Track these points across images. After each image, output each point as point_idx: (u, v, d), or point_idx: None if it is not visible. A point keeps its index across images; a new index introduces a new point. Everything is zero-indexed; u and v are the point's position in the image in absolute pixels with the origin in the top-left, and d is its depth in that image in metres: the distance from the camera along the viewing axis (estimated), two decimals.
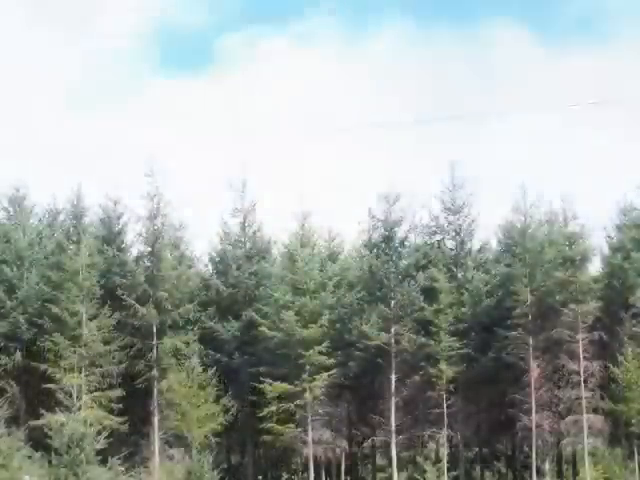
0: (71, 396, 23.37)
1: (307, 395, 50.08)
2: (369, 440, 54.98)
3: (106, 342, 49.40)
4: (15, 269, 52.38)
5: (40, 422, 44.33)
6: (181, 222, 54.66)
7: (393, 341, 51.68)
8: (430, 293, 51.90)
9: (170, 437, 49.82)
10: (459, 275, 53.81)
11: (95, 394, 47.87)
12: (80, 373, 47.54)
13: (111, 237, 55.27)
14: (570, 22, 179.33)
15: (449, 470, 52.22)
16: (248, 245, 57.94)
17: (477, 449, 64.38)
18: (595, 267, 54.31)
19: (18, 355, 50.04)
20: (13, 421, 40.80)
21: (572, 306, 49.36)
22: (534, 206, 54.48)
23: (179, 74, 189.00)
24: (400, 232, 54.06)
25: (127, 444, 47.94)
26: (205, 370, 49.92)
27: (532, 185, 55.30)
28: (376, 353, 51.99)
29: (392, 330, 51.67)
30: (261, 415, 50.06)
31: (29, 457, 27.12)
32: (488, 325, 52.13)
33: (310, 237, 54.78)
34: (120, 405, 48.83)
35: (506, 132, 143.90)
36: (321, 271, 53.15)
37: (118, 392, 48.51)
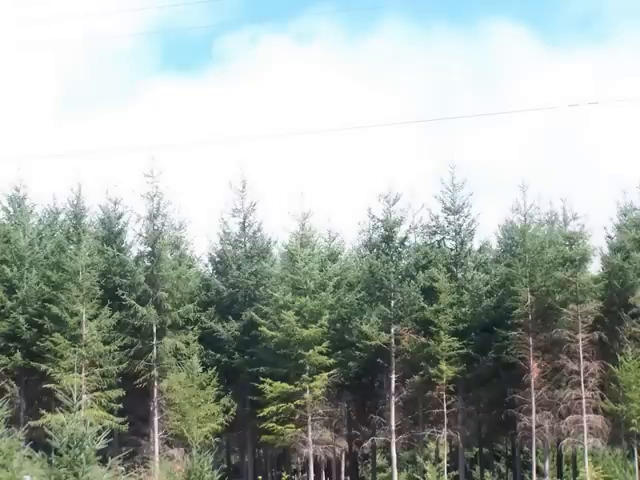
0: (71, 396, 23.25)
1: (307, 395, 50.07)
2: (369, 440, 54.93)
3: (106, 342, 49.34)
4: (15, 269, 52.29)
5: (40, 422, 44.34)
6: (181, 222, 54.89)
7: (393, 341, 51.71)
8: (430, 293, 51.88)
9: (170, 437, 49.79)
10: (459, 275, 53.78)
11: (95, 394, 47.81)
12: (80, 373, 47.47)
13: (111, 237, 55.26)
14: (570, 22, 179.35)
15: (449, 470, 52.25)
16: (248, 245, 57.99)
17: (477, 449, 64.52)
18: (595, 267, 54.30)
19: (18, 355, 49.98)
20: (13, 421, 40.60)
21: (572, 306, 49.27)
22: (534, 206, 54.69)
23: (179, 74, 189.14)
24: (400, 232, 54.14)
25: (127, 444, 47.89)
26: (205, 370, 49.92)
27: (532, 185, 55.35)
28: (376, 353, 52.00)
29: (392, 330, 51.69)
30: (261, 415, 50.04)
31: (29, 457, 27.02)
32: (488, 325, 52.12)
33: (310, 237, 54.74)
34: (120, 405, 48.83)
35: (506, 132, 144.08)
36: (321, 271, 53.11)
37: (118, 392, 48.50)
